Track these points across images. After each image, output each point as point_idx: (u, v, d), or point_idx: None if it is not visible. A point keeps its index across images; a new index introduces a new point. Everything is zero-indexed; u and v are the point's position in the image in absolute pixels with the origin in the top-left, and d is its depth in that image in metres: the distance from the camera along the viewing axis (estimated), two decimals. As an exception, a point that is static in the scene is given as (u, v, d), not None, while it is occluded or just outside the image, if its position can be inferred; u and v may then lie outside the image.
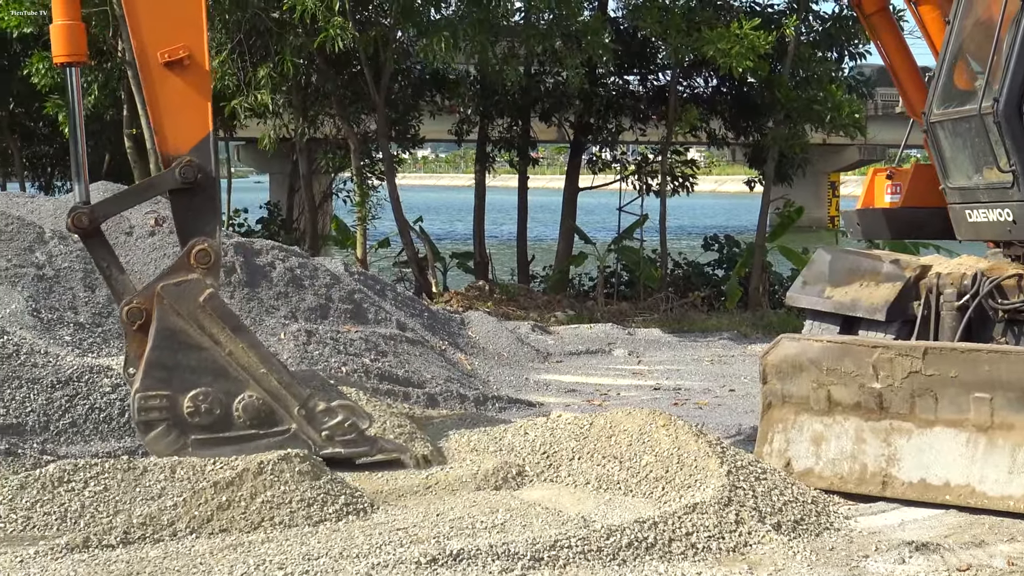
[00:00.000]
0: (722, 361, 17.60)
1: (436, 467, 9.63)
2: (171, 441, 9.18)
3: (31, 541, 7.83)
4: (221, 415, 9.32)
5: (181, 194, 9.62)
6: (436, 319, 17.76)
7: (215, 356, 9.37)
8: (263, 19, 21.68)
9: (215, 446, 9.18)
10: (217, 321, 9.39)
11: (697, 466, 8.84)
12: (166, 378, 9.26)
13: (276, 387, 9.43)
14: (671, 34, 22.34)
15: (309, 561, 7.33)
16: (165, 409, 9.23)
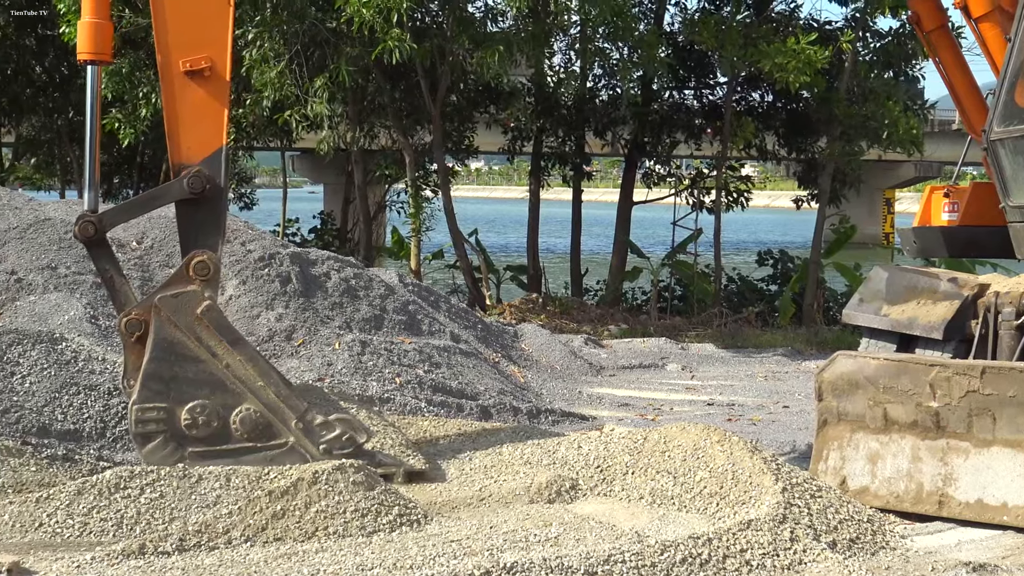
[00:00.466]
0: (776, 377, 17.51)
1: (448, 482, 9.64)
2: (168, 453, 9.09)
3: (87, 547, 7.87)
4: (219, 428, 9.22)
5: (187, 205, 9.52)
6: (489, 331, 17.75)
7: (212, 369, 9.26)
8: (320, 30, 21.76)
9: (212, 459, 9.10)
10: (214, 334, 9.28)
11: (752, 482, 8.78)
12: (163, 390, 9.15)
13: (274, 400, 9.31)
14: (727, 48, 22.27)
15: (363, 572, 7.32)
16: (162, 421, 9.12)
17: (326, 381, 12.89)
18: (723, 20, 23.40)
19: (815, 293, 25.85)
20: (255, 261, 15.02)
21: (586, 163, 28.33)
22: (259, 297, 14.54)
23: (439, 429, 11.20)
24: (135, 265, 14.45)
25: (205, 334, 9.25)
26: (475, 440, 10.75)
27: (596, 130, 27.13)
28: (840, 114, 23.41)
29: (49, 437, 10.35)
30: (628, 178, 27.98)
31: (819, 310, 25.58)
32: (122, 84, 24.07)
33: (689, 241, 27.82)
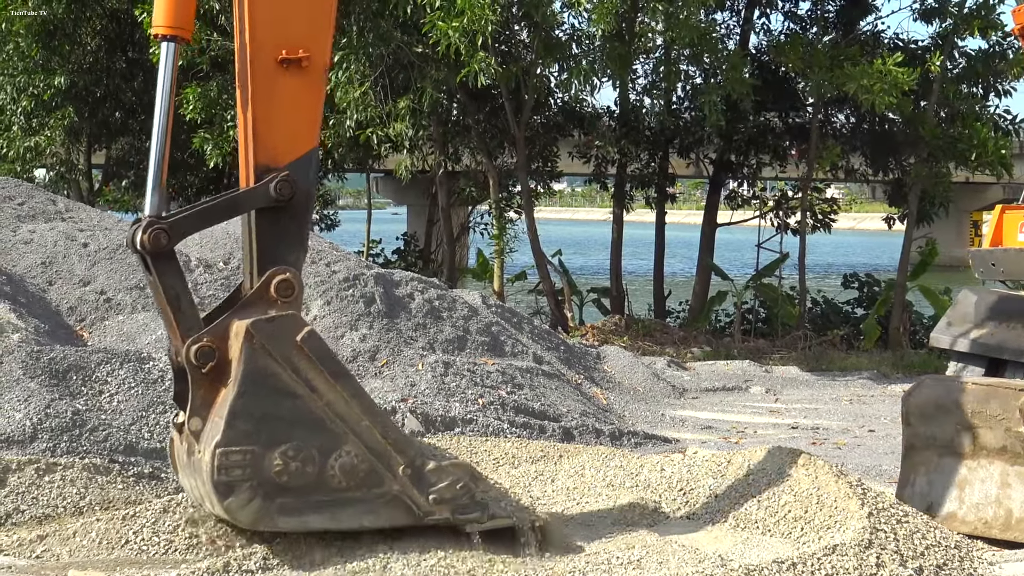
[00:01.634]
0: (861, 401, 17.35)
1: (549, 551, 8.45)
2: (256, 507, 7.82)
3: (173, 565, 7.92)
4: (314, 475, 7.96)
5: (269, 213, 8.28)
6: (572, 353, 17.73)
7: (311, 406, 8.05)
8: (406, 53, 21.91)
9: (305, 512, 7.94)
10: (315, 364, 8.08)
11: (837, 507, 8.70)
12: (252, 431, 7.86)
13: (379, 442, 8.14)
14: (814, 70, 22.17)
15: (444, 595, 7.33)
16: (249, 467, 7.82)
17: (409, 402, 12.92)
18: (809, 42, 23.31)
19: (901, 316, 25.62)
20: (340, 282, 15.10)
21: (670, 184, 28.28)
22: (343, 318, 14.61)
23: (521, 451, 11.19)
24: (221, 286, 14.56)
25: (304, 365, 8.04)
26: (557, 462, 10.73)
27: (680, 151, 27.08)
28: (927, 135, 23.20)
29: (136, 455, 10.45)
30: (712, 200, 27.92)
31: (905, 333, 25.34)
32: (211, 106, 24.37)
33: (776, 265, 27.68)
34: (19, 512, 8.81)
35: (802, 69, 22.89)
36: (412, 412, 12.37)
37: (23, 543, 8.42)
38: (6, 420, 10.43)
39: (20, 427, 10.37)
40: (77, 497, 9.06)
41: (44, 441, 10.31)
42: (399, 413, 12.26)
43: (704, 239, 27.40)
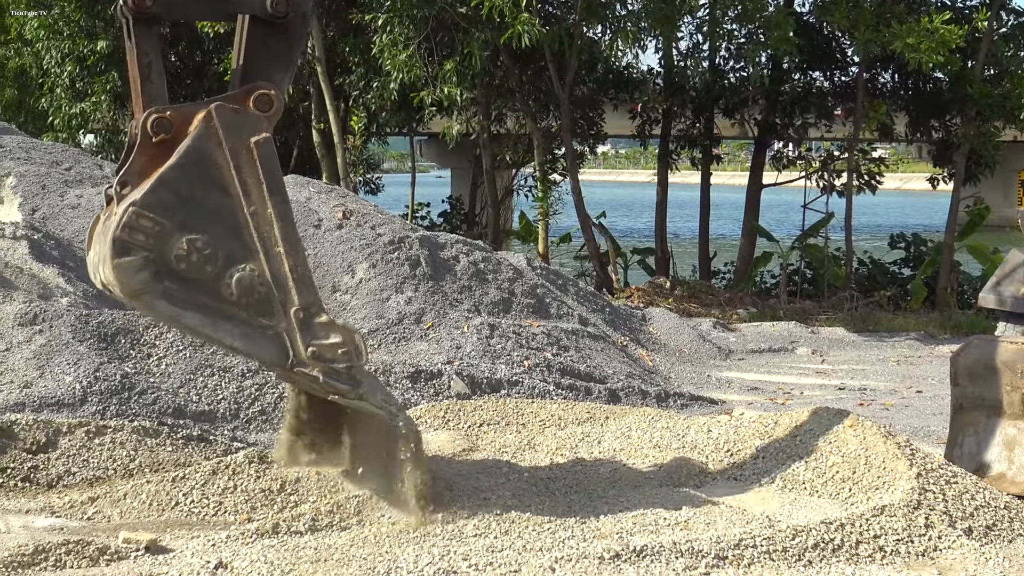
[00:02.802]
0: (908, 362, 17.27)
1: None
2: (142, 279, 7.40)
3: (222, 526, 7.99)
4: (210, 276, 7.58)
5: (262, 26, 8.02)
6: (617, 315, 17.72)
7: (236, 210, 7.69)
8: (450, 14, 21.87)
9: (186, 307, 7.55)
10: (258, 172, 7.71)
11: (885, 468, 8.66)
12: (172, 206, 7.49)
13: (285, 275, 7.72)
14: (860, 29, 22.01)
15: (493, 553, 7.33)
16: (154, 239, 7.44)
17: (455, 364, 12.95)
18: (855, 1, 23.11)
19: (949, 276, 25.48)
20: (385, 245, 15.13)
21: (715, 145, 28.17)
22: (389, 280, 14.64)
23: (568, 413, 11.18)
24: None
25: (247, 168, 7.70)
26: (604, 424, 10.73)
27: (725, 111, 26.97)
28: (975, 93, 23.02)
29: (184, 418, 10.52)
30: (757, 161, 27.81)
31: (953, 294, 25.21)
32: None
33: (821, 225, 27.56)
34: (70, 474, 8.90)
35: (847, 28, 22.74)
36: (458, 374, 12.39)
37: (74, 505, 8.51)
38: (56, 383, 10.52)
39: (70, 390, 10.46)
40: (127, 459, 9.14)
41: (94, 404, 10.39)
42: (445, 375, 12.28)
43: (749, 200, 27.31)
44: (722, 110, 27.03)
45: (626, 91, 27.00)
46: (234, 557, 7.10)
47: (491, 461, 9.23)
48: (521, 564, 7.14)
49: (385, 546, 7.52)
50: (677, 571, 7.06)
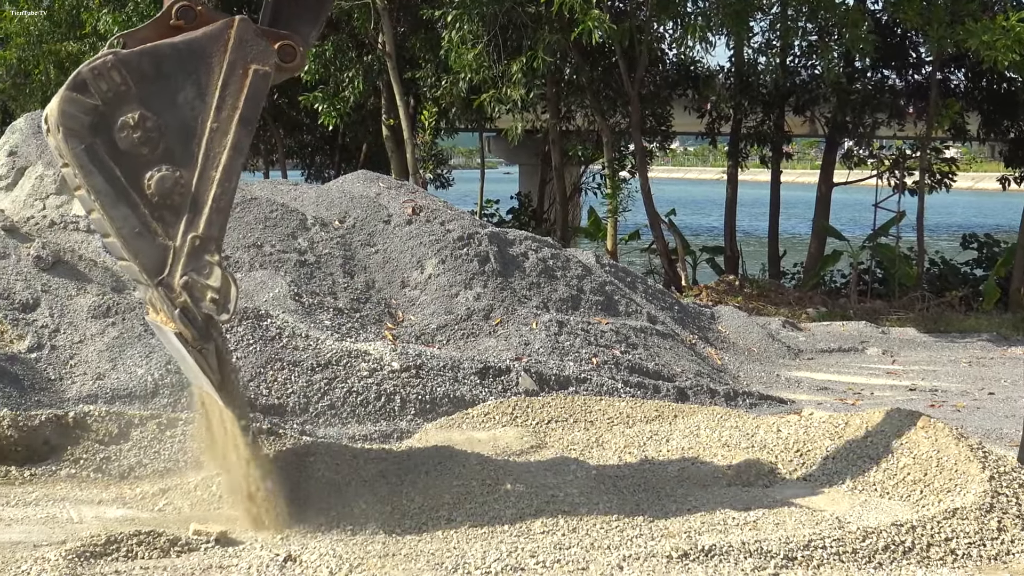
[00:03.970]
0: (980, 363, 17.10)
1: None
2: (80, 119, 7.34)
3: (292, 519, 8.04)
4: (138, 159, 7.45)
5: None
6: (686, 313, 17.67)
7: (201, 117, 7.61)
8: (519, 13, 21.88)
9: (98, 169, 7.38)
10: (239, 96, 7.66)
11: (957, 470, 8.59)
12: (149, 77, 7.49)
13: (206, 199, 7.55)
14: (933, 26, 21.80)
15: (560, 551, 7.34)
16: (115, 94, 7.41)
17: (523, 361, 12.95)
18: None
19: (1022, 277, 25.19)
20: (454, 241, 15.15)
21: (785, 143, 28.04)
22: (458, 276, 14.66)
23: (636, 410, 11.18)
24: (337, 244, 14.68)
25: (233, 87, 7.67)
26: (672, 422, 10.71)
27: (795, 109, 26.84)
28: (1050, 93, 22.77)
29: (254, 411, 10.58)
30: (828, 159, 27.65)
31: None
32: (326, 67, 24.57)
33: (892, 224, 27.35)
34: (142, 466, 8.99)
35: (920, 26, 22.53)
36: (526, 371, 12.39)
37: (145, 496, 8.60)
38: (128, 375, 10.64)
39: (142, 383, 10.58)
40: (198, 452, 9.21)
41: (165, 397, 10.51)
42: (514, 372, 12.29)
43: (819, 199, 27.17)
44: (792, 107, 26.90)
45: (695, 88, 26.95)
46: (303, 551, 7.14)
47: (559, 458, 9.24)
48: (589, 562, 7.14)
49: (453, 542, 7.55)
50: (746, 571, 7.04)
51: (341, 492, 8.38)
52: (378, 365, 11.38)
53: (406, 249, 15.02)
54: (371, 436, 10.43)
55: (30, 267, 11.78)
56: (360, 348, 11.68)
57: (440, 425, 10.67)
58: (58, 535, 7.55)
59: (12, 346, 10.94)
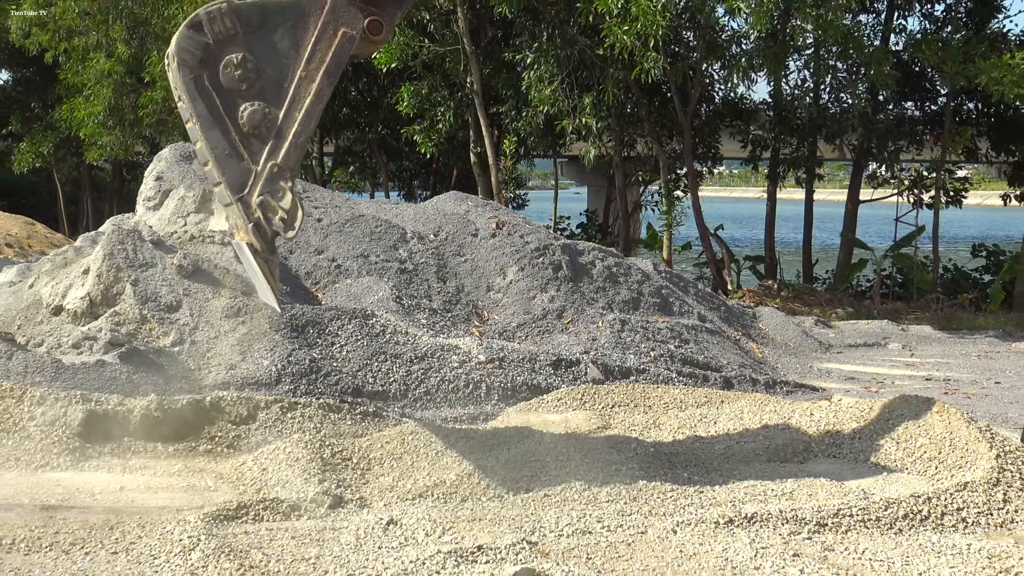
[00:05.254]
0: (988, 356, 16.86)
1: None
2: (193, 53, 7.61)
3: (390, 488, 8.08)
4: (236, 93, 7.74)
5: None
6: (731, 313, 17.57)
7: (295, 66, 7.84)
8: (588, 55, 21.89)
9: (202, 96, 7.69)
10: (327, 54, 7.86)
11: (968, 449, 8.50)
12: (254, 25, 7.75)
13: (287, 134, 7.80)
14: (948, 64, 21.56)
15: (623, 517, 7.35)
16: (225, 35, 7.69)
17: (591, 354, 12.94)
18: (944, 40, 22.67)
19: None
20: (532, 251, 15.17)
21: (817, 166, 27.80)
22: (535, 282, 14.68)
23: (688, 396, 11.14)
24: (432, 254, 14.75)
25: (324, 44, 7.92)
26: (719, 407, 10.67)
27: (827, 137, 26.62)
28: (1050, 121, 22.43)
29: (362, 396, 10.67)
30: (855, 180, 27.35)
31: (1030, 297, 24.56)
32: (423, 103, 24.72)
33: (912, 237, 27.05)
34: (267, 443, 9.07)
35: (937, 64, 22.27)
36: (593, 363, 12.39)
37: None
38: (255, 366, 10.75)
39: (267, 372, 10.68)
40: (315, 431, 9.29)
41: (287, 384, 10.60)
42: (583, 363, 12.29)
43: (847, 214, 26.90)
44: (824, 136, 26.67)
45: (740, 119, 26.82)
46: (403, 515, 7.20)
47: (621, 437, 9.24)
48: (647, 527, 7.15)
49: (531, 508, 7.57)
50: (783, 535, 7.01)
51: (435, 465, 8.43)
52: (467, 357, 11.42)
53: (491, 258, 15.06)
54: (460, 418, 10.47)
55: (173, 274, 11.93)
56: (452, 343, 11.73)
57: (519, 409, 10.70)
58: (197, 501, 7.66)
59: (158, 341, 11.10)
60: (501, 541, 6.59)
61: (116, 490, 7.91)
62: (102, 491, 7.87)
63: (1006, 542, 7.14)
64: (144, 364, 10.60)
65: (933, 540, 7.09)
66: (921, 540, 7.09)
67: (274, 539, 6.78)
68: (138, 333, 11.19)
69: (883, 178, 27.39)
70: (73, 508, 7.36)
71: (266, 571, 6.15)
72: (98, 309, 11.62)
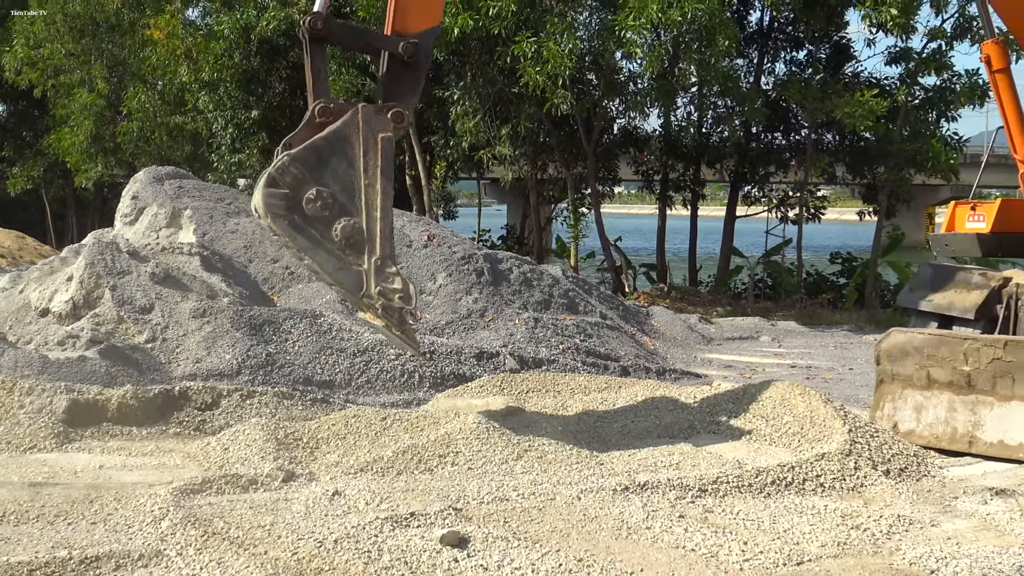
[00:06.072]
0: (843, 347, 17.13)
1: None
2: (276, 204, 7.82)
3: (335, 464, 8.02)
4: (325, 219, 7.93)
5: (396, 62, 8.41)
6: (628, 311, 17.68)
7: (356, 178, 8.04)
8: (507, 92, 21.91)
9: (300, 233, 7.89)
10: (378, 158, 8.09)
11: (825, 425, 8.62)
12: (314, 164, 7.93)
13: (376, 231, 8.02)
14: (809, 101, 21.87)
15: (535, 486, 7.35)
16: (296, 181, 7.87)
17: (509, 347, 12.95)
18: (806, 80, 22.99)
19: (874, 284, 25.25)
20: (458, 260, 15.16)
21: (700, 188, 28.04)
22: (461, 286, 14.67)
23: (591, 383, 11.18)
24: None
25: (372, 153, 8.08)
26: (618, 391, 10.72)
27: (708, 162, 26.88)
28: (895, 149, 22.80)
29: (311, 385, 10.58)
30: (732, 199, 27.64)
31: (876, 297, 24.96)
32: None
33: (780, 247, 27.40)
34: (229, 426, 8.97)
35: (800, 101, 22.58)
36: (511, 355, 12.40)
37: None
38: (219, 359, 10.62)
39: (229, 364, 10.55)
40: (270, 415, 9.20)
41: (246, 375, 10.48)
42: (502, 355, 12.29)
43: (726, 228, 27.14)
44: (706, 161, 26.91)
45: (635, 147, 26.97)
46: (346, 487, 7.14)
47: (534, 418, 9.25)
48: (555, 494, 7.16)
49: (456, 480, 7.55)
50: (671, 500, 7.06)
51: (375, 444, 8.39)
52: (403, 351, 11.37)
53: (423, 266, 15.02)
54: (397, 403, 10.42)
55: (147, 281, 11.76)
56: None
57: (447, 395, 10.67)
58: (167, 477, 7.55)
59: (133, 339, 10.93)
60: (430, 508, 6.57)
61: (96, 468, 7.77)
62: (83, 469, 7.73)
63: (856, 503, 7.26)
64: (121, 359, 10.43)
65: (796, 502, 7.18)
66: (786, 502, 7.17)
67: (234, 509, 6.70)
68: (116, 332, 11.01)
69: (755, 197, 27.69)
70: (57, 485, 7.22)
71: (227, 536, 6.08)
72: (80, 311, 11.43)
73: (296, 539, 6.07)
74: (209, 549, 5.86)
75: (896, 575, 5.71)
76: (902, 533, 6.57)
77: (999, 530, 6.67)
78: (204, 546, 5.91)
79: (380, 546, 5.96)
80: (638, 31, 19.35)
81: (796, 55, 25.76)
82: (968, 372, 9.00)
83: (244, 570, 5.53)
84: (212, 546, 5.91)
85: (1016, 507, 7.20)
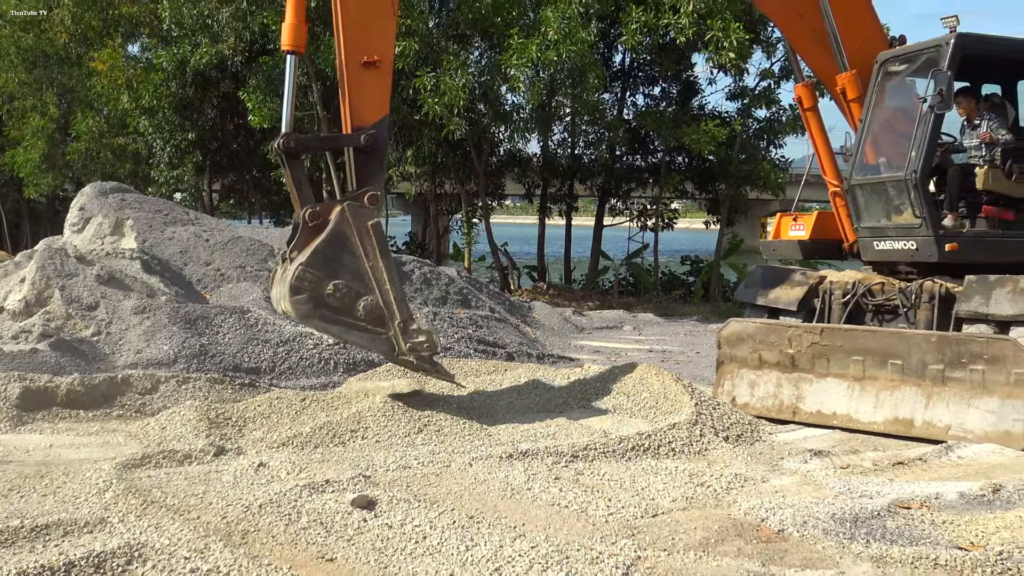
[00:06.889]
0: (692, 334, 17.46)
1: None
2: (308, 308, 7.90)
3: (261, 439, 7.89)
4: (348, 304, 8.01)
5: (360, 153, 8.37)
6: (513, 306, 17.75)
7: (361, 264, 8.10)
8: (410, 119, 21.80)
9: (334, 324, 8.03)
10: (374, 242, 8.15)
11: (676, 400, 8.77)
12: (324, 265, 7.96)
13: (391, 301, 8.15)
14: (663, 129, 22.23)
15: (433, 455, 7.34)
16: (314, 285, 7.90)
17: (412, 337, 12.86)
18: (660, 112, 23.36)
19: (717, 282, 25.78)
20: (368, 262, 15.03)
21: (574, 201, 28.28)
22: (370, 285, 14.54)
23: (481, 367, 11.17)
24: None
25: (367, 240, 8.11)
26: (504, 373, 10.74)
27: (580, 180, 27.12)
28: (734, 170, 23.34)
29: (240, 372, 10.38)
30: (600, 210, 27.94)
31: (719, 293, 25.49)
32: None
33: (640, 251, 27.80)
34: (166, 408, 8.76)
35: (656, 128, 22.93)
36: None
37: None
38: (157, 350, 10.35)
39: (166, 354, 10.29)
40: (203, 398, 9.01)
41: (182, 363, 10.24)
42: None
43: (595, 235, 27.43)
44: (578, 179, 27.14)
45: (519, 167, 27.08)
46: (270, 460, 7.03)
47: (433, 397, 9.22)
48: (451, 462, 7.15)
49: (365, 452, 7.50)
50: (548, 465, 7.10)
51: (295, 422, 8.28)
52: (319, 340, 11.23)
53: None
54: (315, 386, 10.28)
55: (93, 282, 11.40)
56: (307, 331, 11.50)
57: (358, 378, 10.57)
58: (110, 454, 7.33)
59: (80, 333, 10.59)
60: (343, 476, 6.51)
61: (46, 447, 7.51)
62: (35, 448, 7.46)
63: (701, 464, 7.41)
64: (69, 350, 10.10)
65: (652, 464, 7.29)
66: (644, 465, 7.28)
67: (171, 480, 6.54)
68: (64, 327, 10.65)
69: (619, 209, 28.05)
70: (11, 462, 6.96)
71: (164, 504, 5.93)
72: (32, 309, 11.03)
73: (225, 505, 5.96)
74: (148, 516, 5.71)
75: (733, 523, 5.84)
76: (739, 488, 6.73)
77: (817, 484, 6.88)
78: (144, 513, 5.76)
79: (299, 509, 5.88)
80: (521, 69, 19.45)
81: (652, 90, 26.17)
82: (792, 354, 9.26)
83: (180, 533, 5.41)
84: (151, 513, 5.76)
85: (831, 465, 7.43)
